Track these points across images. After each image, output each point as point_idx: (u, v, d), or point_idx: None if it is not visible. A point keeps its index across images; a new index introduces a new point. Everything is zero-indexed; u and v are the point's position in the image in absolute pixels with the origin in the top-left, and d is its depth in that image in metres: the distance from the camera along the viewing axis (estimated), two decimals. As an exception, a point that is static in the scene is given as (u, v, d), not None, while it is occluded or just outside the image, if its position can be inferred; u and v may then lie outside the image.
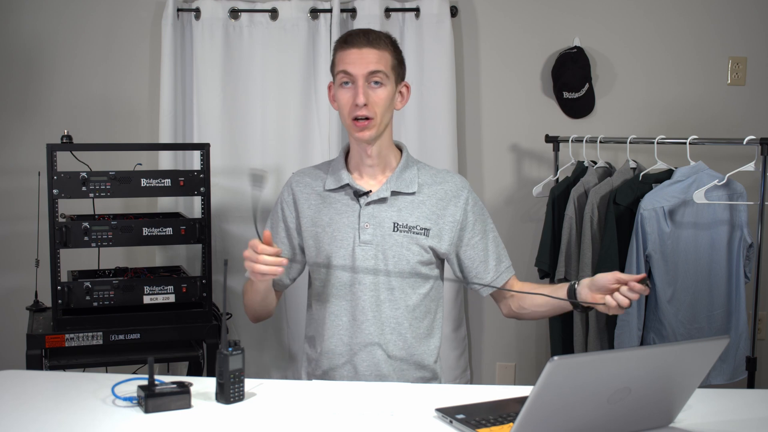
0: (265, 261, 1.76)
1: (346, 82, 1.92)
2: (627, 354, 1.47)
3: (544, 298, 1.93)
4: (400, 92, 2.00)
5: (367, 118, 1.91)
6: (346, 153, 2.06)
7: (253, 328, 3.17)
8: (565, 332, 2.96)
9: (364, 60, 1.90)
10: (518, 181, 3.39)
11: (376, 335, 1.96)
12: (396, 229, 1.95)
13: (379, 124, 1.92)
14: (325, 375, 2.02)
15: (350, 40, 1.93)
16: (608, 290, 1.79)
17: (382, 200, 1.97)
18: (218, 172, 3.07)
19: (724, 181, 2.63)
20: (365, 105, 1.90)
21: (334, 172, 2.02)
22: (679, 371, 1.46)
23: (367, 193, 1.97)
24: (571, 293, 1.87)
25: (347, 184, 1.98)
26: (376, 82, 1.91)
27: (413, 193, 1.98)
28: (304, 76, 3.18)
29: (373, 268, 1.95)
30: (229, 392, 1.66)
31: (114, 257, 2.97)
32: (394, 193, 1.97)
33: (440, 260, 2.05)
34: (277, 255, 1.78)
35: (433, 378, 2.05)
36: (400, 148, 2.06)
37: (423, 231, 1.96)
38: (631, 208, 2.72)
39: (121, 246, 2.61)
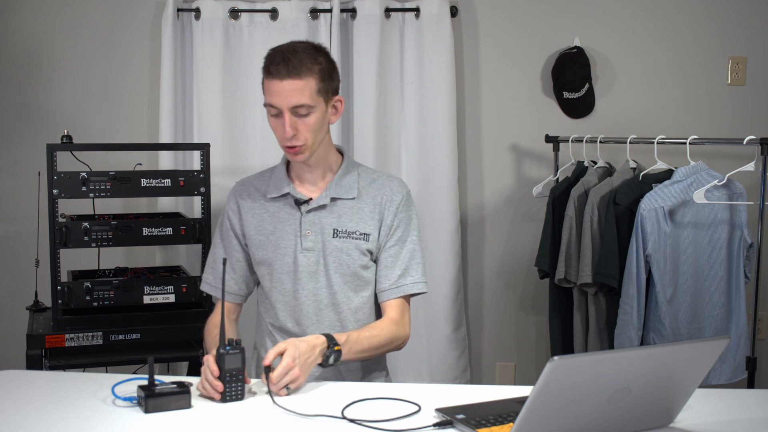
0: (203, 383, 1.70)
1: (274, 114, 1.89)
2: (627, 354, 1.47)
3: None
4: (334, 106, 1.95)
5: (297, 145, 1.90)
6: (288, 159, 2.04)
7: (253, 328, 3.16)
8: (565, 332, 2.96)
9: (285, 93, 1.85)
10: (518, 181, 3.39)
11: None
12: (336, 235, 1.96)
13: (311, 147, 1.91)
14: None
15: (272, 69, 1.86)
16: None
17: (322, 207, 1.98)
18: (218, 172, 3.07)
19: (724, 181, 2.63)
20: (294, 136, 1.88)
21: (275, 181, 2.02)
22: (679, 371, 1.46)
23: (307, 201, 1.98)
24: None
25: (288, 193, 1.99)
26: (302, 113, 1.87)
27: (353, 199, 1.99)
28: (304, 76, 3.17)
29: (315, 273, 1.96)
30: (228, 392, 1.66)
31: (114, 257, 2.96)
32: (333, 200, 1.98)
33: None
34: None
35: (383, 376, 2.08)
36: (341, 152, 2.05)
37: (363, 236, 1.97)
38: (631, 208, 2.72)
39: (121, 246, 2.61)
